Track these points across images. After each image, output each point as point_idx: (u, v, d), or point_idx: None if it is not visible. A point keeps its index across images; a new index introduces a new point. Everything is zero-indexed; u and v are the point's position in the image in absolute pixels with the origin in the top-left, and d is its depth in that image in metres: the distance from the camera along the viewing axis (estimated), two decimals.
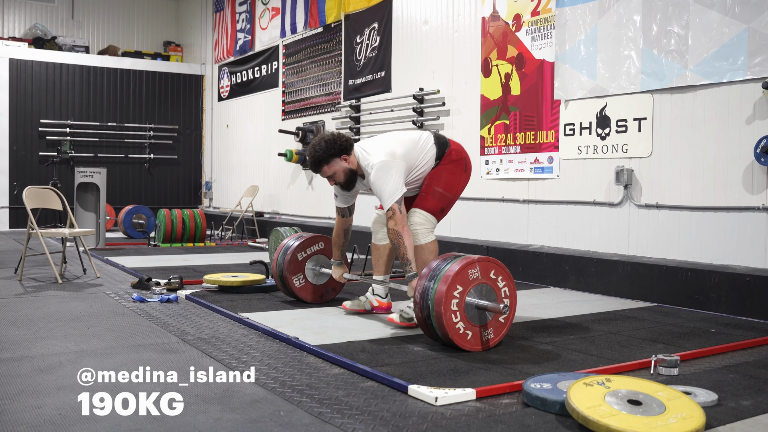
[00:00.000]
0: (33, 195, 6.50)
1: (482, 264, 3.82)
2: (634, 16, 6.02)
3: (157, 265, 7.43)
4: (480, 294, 3.79)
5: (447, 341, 3.74)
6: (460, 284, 3.71)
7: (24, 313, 4.79)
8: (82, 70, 13.70)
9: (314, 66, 10.76)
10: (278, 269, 5.17)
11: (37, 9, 14.66)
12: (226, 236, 11.27)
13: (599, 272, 5.96)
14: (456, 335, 3.70)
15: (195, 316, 4.70)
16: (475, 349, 3.76)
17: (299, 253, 5.13)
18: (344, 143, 4.38)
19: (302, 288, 5.16)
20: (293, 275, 5.11)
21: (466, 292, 3.73)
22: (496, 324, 3.85)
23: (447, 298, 3.66)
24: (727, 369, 3.51)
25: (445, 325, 3.66)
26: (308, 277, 5.17)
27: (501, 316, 3.85)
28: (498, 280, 3.87)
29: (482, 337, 3.79)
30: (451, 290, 3.67)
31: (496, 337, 3.86)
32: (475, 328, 3.76)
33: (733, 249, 5.38)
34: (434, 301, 3.70)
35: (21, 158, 13.05)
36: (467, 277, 3.74)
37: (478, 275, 3.79)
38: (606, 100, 6.28)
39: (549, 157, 6.81)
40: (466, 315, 3.73)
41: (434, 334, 3.81)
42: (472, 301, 3.75)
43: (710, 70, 5.48)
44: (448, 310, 3.66)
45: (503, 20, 7.29)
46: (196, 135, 14.88)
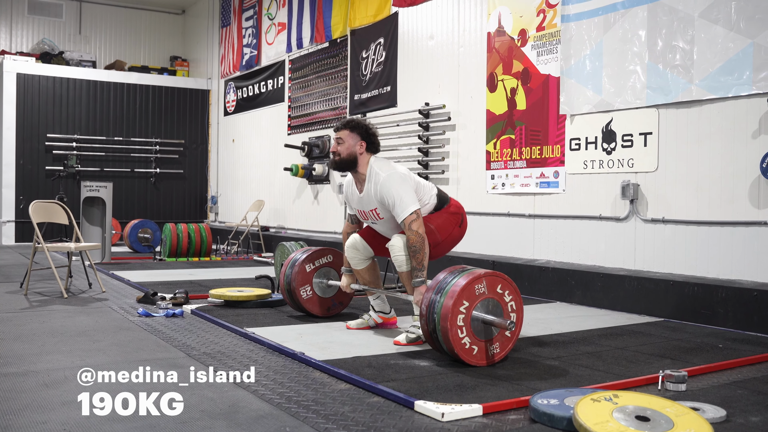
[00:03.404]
0: (39, 209, 6.51)
1: (489, 279, 3.81)
2: (639, 31, 6.03)
3: (162, 279, 7.43)
4: (486, 309, 3.78)
5: (453, 356, 3.73)
6: (467, 299, 3.70)
7: (29, 327, 4.79)
8: (89, 84, 13.77)
9: (320, 81, 10.80)
10: (286, 281, 5.17)
11: (45, 24, 14.76)
12: (231, 251, 11.27)
13: (605, 287, 5.94)
14: (462, 350, 3.68)
15: (200, 331, 4.70)
16: (480, 364, 3.74)
17: (307, 265, 5.13)
18: (373, 138, 4.52)
19: (309, 300, 5.14)
20: (301, 287, 5.10)
21: (472, 307, 3.72)
22: (503, 338, 3.84)
23: (453, 314, 3.64)
24: (736, 385, 3.48)
25: (451, 340, 3.65)
26: (316, 289, 5.16)
27: (507, 332, 3.83)
28: (505, 295, 3.86)
29: (488, 352, 3.78)
30: (457, 305, 3.66)
31: (503, 351, 3.84)
32: (480, 342, 3.75)
33: (740, 264, 5.36)
34: (440, 316, 3.69)
35: (27, 172, 13.10)
36: (474, 292, 3.73)
37: (484, 290, 3.77)
38: (612, 115, 6.28)
39: (555, 171, 6.81)
40: (472, 330, 3.72)
41: (440, 347, 3.79)
42: (478, 316, 3.74)
43: (715, 85, 5.48)
44: (454, 325, 3.65)
45: (509, 35, 7.31)
46: (202, 149, 14.92)
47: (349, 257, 4.72)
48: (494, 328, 3.79)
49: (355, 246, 4.68)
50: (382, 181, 4.30)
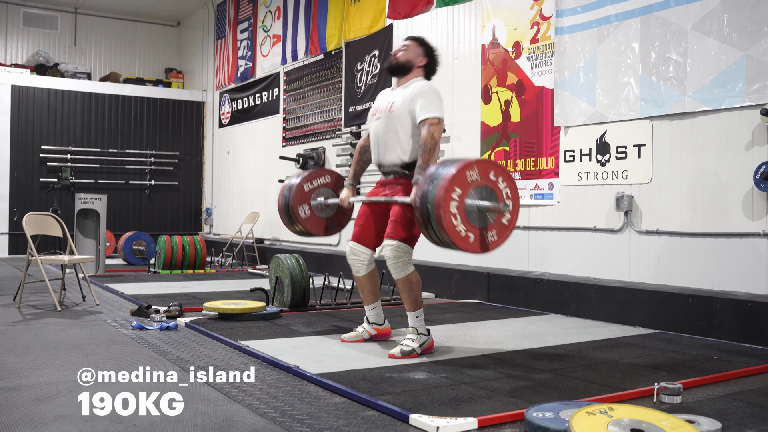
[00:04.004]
0: (33, 221, 6.50)
1: (481, 165, 3.78)
2: (632, 43, 6.05)
3: (156, 292, 7.41)
4: (480, 196, 3.77)
5: (449, 244, 3.73)
6: (459, 186, 3.68)
7: (22, 340, 4.76)
8: (83, 96, 13.77)
9: (315, 93, 10.82)
10: (284, 202, 5.10)
11: (40, 36, 14.77)
12: (226, 263, 11.25)
13: (600, 299, 5.94)
14: (457, 238, 3.67)
15: (195, 344, 4.68)
16: (477, 252, 3.74)
17: (305, 184, 5.07)
18: (434, 61, 4.66)
19: (308, 219, 5.07)
20: (299, 205, 5.03)
21: (465, 194, 3.69)
22: (499, 226, 3.82)
23: (446, 201, 3.63)
24: (731, 397, 3.48)
25: (446, 228, 3.64)
26: (314, 209, 5.11)
27: (504, 218, 3.81)
28: (499, 182, 3.83)
29: (485, 240, 3.75)
30: (449, 192, 3.64)
31: (500, 239, 3.83)
32: (476, 230, 3.73)
33: (734, 275, 5.36)
34: (433, 205, 3.67)
35: (21, 184, 13.07)
36: (465, 178, 3.70)
37: (477, 177, 3.75)
38: (606, 127, 6.30)
39: (549, 183, 6.82)
40: (467, 217, 3.70)
41: (436, 238, 3.79)
42: (472, 202, 3.73)
43: (709, 97, 5.50)
44: (447, 212, 3.63)
45: (503, 47, 7.33)
46: (197, 161, 14.91)
47: (352, 264, 4.72)
48: (489, 215, 3.76)
49: (355, 253, 4.67)
50: (421, 84, 4.43)
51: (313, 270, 8.49)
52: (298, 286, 6.17)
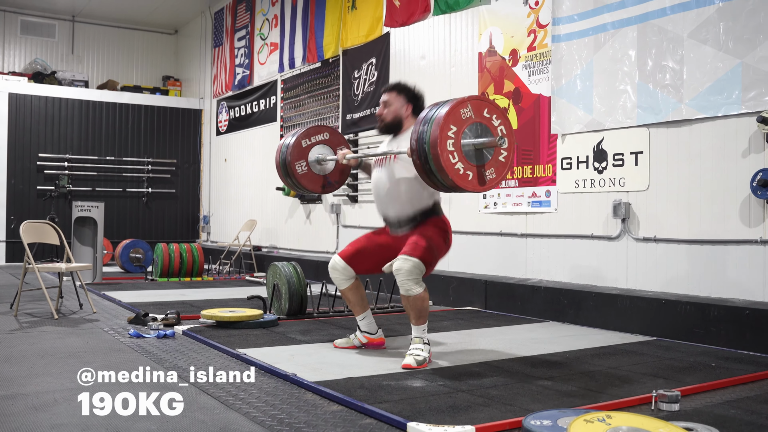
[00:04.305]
0: (30, 229, 6.48)
1: (474, 103, 3.81)
2: (629, 51, 6.07)
3: (154, 300, 7.39)
4: (476, 133, 3.80)
5: (449, 184, 3.76)
6: (454, 124, 3.71)
7: (19, 349, 4.75)
8: (81, 104, 13.77)
9: (312, 100, 10.83)
10: (281, 158, 5.09)
11: (38, 44, 14.79)
12: (223, 270, 11.23)
13: (598, 306, 5.94)
14: (456, 176, 3.70)
15: (192, 352, 4.67)
16: (477, 190, 3.78)
17: (303, 140, 5.05)
18: (419, 101, 4.57)
19: (304, 175, 5.04)
20: (296, 161, 5.01)
21: (460, 131, 3.73)
22: (497, 164, 3.85)
23: (442, 139, 3.66)
24: (729, 404, 3.48)
25: (444, 166, 3.66)
26: (311, 165, 5.08)
27: (500, 156, 3.82)
28: (493, 119, 3.87)
29: (483, 177, 3.79)
30: (444, 131, 3.67)
31: (498, 176, 3.86)
32: (474, 167, 3.75)
33: (732, 282, 5.37)
34: (430, 144, 3.70)
35: (19, 192, 13.06)
36: (460, 116, 3.74)
37: (471, 114, 3.78)
38: (603, 134, 6.31)
39: (546, 191, 6.82)
40: (464, 155, 3.72)
41: (435, 180, 3.81)
42: (468, 142, 3.75)
43: (705, 104, 5.51)
44: (444, 150, 3.66)
45: (500, 55, 7.35)
46: (194, 169, 14.91)
47: (332, 278, 4.71)
48: (486, 152, 3.79)
49: (335, 267, 4.66)
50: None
51: (311, 278, 8.48)
52: (296, 294, 6.16)
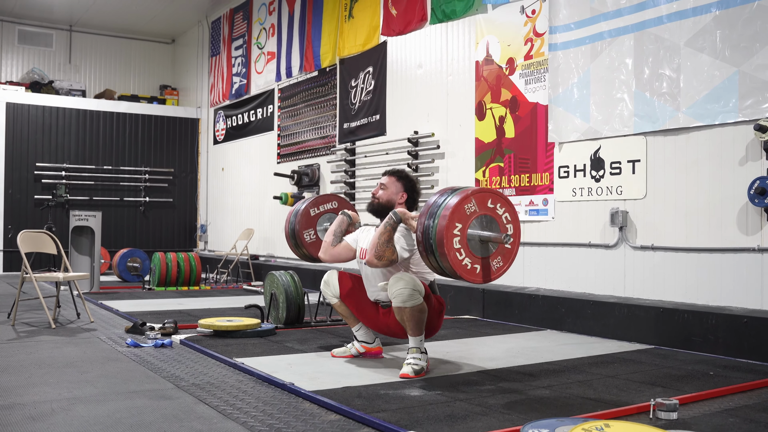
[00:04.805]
0: (27, 239, 6.48)
1: (477, 196, 3.83)
2: (626, 59, 6.09)
3: (151, 309, 7.39)
4: (481, 226, 3.82)
5: (456, 278, 3.79)
6: (459, 221, 3.73)
7: (16, 358, 4.74)
8: (78, 113, 13.78)
9: (309, 109, 10.84)
10: (290, 227, 5.25)
11: (35, 53, 14.81)
12: (221, 279, 11.22)
13: (596, 314, 5.94)
14: (464, 272, 3.73)
15: (189, 362, 4.66)
16: (485, 281, 3.80)
17: (312, 209, 5.21)
18: (416, 195, 4.59)
19: (312, 244, 5.20)
20: (304, 230, 5.16)
21: (466, 227, 3.74)
22: (504, 252, 3.87)
23: (448, 238, 3.68)
24: (727, 413, 3.47)
25: (452, 264, 3.69)
26: (319, 233, 5.21)
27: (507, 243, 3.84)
28: (497, 208, 3.88)
29: (491, 267, 3.81)
30: (450, 229, 3.69)
31: (506, 264, 3.88)
32: (481, 260, 3.77)
33: (729, 290, 5.37)
34: (437, 242, 3.72)
35: (16, 201, 13.06)
36: (464, 212, 3.75)
37: (475, 208, 3.79)
38: (600, 143, 6.33)
39: (544, 199, 6.83)
40: (471, 250, 3.75)
41: (441, 271, 3.84)
42: (474, 235, 3.77)
43: (702, 113, 5.53)
44: (451, 249, 3.68)
45: (497, 64, 7.37)
46: (192, 178, 14.91)
47: (323, 292, 4.75)
48: (492, 245, 3.81)
49: (328, 282, 4.68)
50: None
51: (308, 286, 8.47)
52: (293, 303, 6.16)
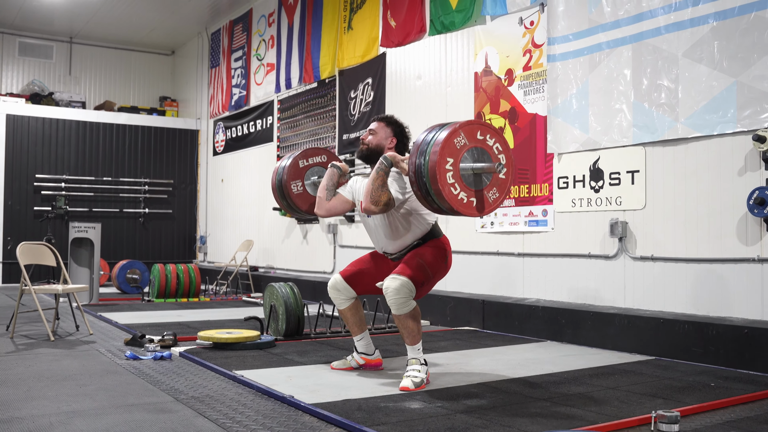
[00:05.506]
0: (26, 251, 6.47)
1: (466, 129, 3.82)
2: (624, 70, 6.10)
3: (150, 321, 7.37)
4: (473, 158, 3.81)
5: (454, 213, 3.79)
6: (450, 156, 3.72)
7: (15, 371, 4.72)
8: (78, 125, 13.79)
9: (309, 120, 10.86)
10: (277, 178, 5.15)
11: (35, 65, 14.84)
12: (220, 291, 11.21)
13: (596, 325, 5.92)
14: (461, 206, 3.74)
15: (189, 374, 4.64)
16: (482, 214, 3.82)
17: (301, 161, 5.13)
18: (405, 139, 4.60)
19: (299, 195, 5.11)
20: (292, 181, 5.08)
21: (458, 161, 3.74)
22: (498, 182, 3.87)
23: (441, 173, 3.67)
24: (729, 424, 3.46)
25: (447, 199, 3.69)
26: (307, 186, 5.14)
27: (501, 173, 3.83)
28: (487, 139, 3.88)
29: (487, 199, 3.82)
30: (442, 164, 3.68)
31: (501, 194, 3.87)
32: (476, 192, 3.77)
33: (730, 301, 5.36)
34: (429, 179, 3.72)
35: (16, 213, 13.05)
36: (455, 146, 3.75)
37: (465, 141, 3.79)
38: (599, 153, 6.33)
39: (543, 210, 6.83)
40: (465, 183, 3.75)
41: (436, 206, 3.85)
42: (466, 167, 3.77)
43: (701, 123, 5.53)
44: (445, 185, 3.68)
45: (495, 75, 7.38)
46: (191, 189, 14.91)
47: (332, 297, 4.70)
48: (485, 176, 3.81)
49: (335, 287, 4.65)
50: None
51: (308, 298, 8.46)
52: (293, 315, 6.14)
